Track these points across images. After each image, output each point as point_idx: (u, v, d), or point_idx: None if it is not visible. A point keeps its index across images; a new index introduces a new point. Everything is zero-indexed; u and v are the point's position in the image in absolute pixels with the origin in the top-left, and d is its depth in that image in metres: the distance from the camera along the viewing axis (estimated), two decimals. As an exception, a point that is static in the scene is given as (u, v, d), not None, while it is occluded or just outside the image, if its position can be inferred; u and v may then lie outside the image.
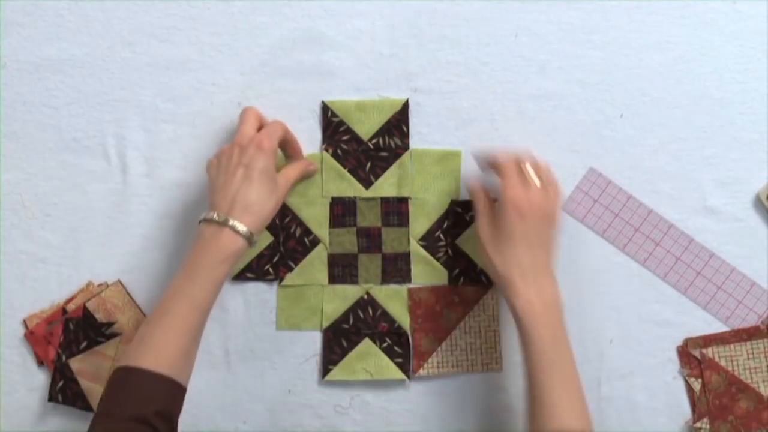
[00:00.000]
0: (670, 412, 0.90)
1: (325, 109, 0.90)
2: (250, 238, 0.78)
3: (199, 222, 0.79)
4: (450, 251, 0.90)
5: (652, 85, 0.90)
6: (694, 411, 0.89)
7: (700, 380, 0.89)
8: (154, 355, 0.74)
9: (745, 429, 0.86)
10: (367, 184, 0.90)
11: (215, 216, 0.78)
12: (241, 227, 0.77)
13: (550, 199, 0.82)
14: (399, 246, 0.90)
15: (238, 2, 0.90)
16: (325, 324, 0.90)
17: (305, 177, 0.89)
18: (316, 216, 0.90)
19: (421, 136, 0.90)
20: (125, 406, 0.72)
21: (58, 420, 0.90)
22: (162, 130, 0.90)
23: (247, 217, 0.78)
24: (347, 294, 0.90)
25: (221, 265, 0.77)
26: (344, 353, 0.90)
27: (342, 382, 0.90)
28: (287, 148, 0.87)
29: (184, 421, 0.89)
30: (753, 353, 0.87)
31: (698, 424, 0.88)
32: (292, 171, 0.85)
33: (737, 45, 0.89)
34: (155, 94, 0.90)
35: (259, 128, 0.84)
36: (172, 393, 0.75)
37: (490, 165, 0.84)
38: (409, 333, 0.90)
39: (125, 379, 0.74)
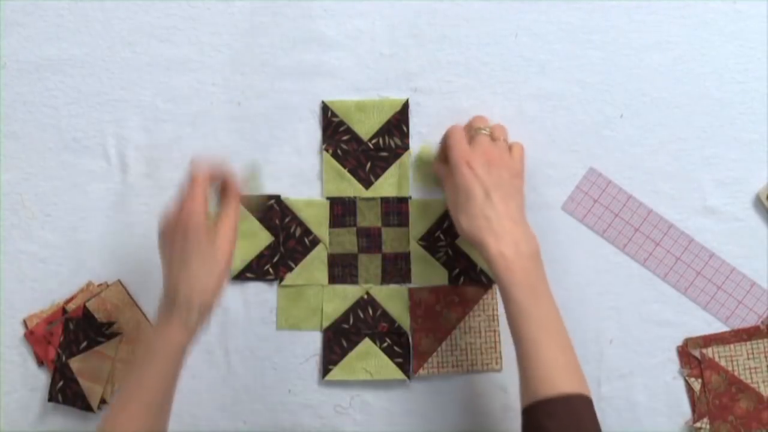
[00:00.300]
0: (670, 412, 0.90)
1: (325, 109, 0.90)
2: (194, 329, 0.76)
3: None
4: (450, 251, 0.90)
5: (652, 85, 0.90)
6: (694, 411, 0.89)
7: (700, 380, 0.89)
8: None
9: (744, 429, 0.86)
10: (367, 184, 0.90)
11: (164, 309, 0.76)
12: (186, 318, 0.75)
13: (512, 153, 0.83)
14: (399, 246, 0.90)
15: (238, 2, 0.90)
16: (325, 324, 0.90)
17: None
18: (316, 216, 0.90)
19: (421, 136, 0.90)
20: None
21: (58, 420, 0.90)
22: (162, 130, 0.90)
23: (192, 309, 0.75)
24: (347, 294, 0.90)
25: (169, 360, 0.75)
26: (344, 353, 0.90)
27: (342, 382, 0.90)
28: (222, 189, 0.81)
29: (184, 421, 0.89)
30: (753, 353, 0.87)
31: (698, 424, 0.88)
32: (227, 227, 0.78)
33: (737, 45, 0.89)
34: (155, 94, 0.90)
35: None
36: None
37: (442, 141, 0.85)
38: (409, 333, 0.90)
39: None
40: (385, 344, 0.90)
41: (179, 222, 0.75)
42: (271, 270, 0.90)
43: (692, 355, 0.89)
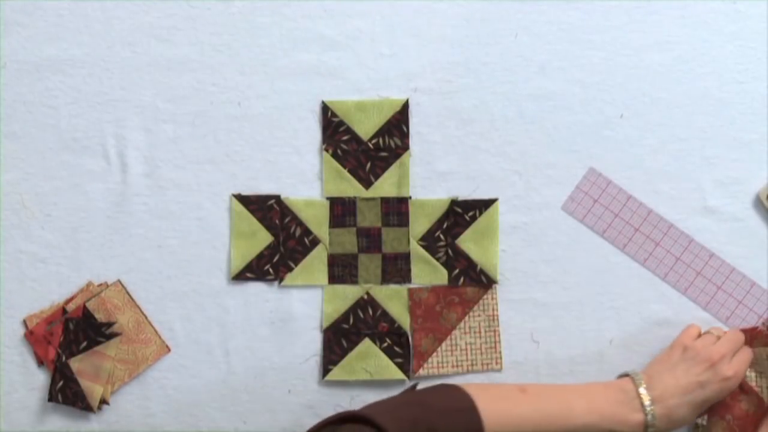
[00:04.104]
0: (670, 412, 0.90)
1: (325, 109, 0.90)
2: (647, 427, 0.78)
3: (623, 376, 0.83)
4: (450, 251, 0.90)
5: (652, 85, 0.90)
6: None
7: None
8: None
9: (739, 430, 0.86)
10: (367, 184, 0.90)
11: (643, 391, 0.79)
12: (653, 421, 0.78)
13: None
14: (399, 246, 0.90)
15: (238, 2, 0.90)
16: (325, 324, 0.90)
17: None
18: (316, 216, 0.90)
19: (421, 136, 0.90)
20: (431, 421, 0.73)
21: (58, 420, 0.90)
22: (162, 130, 0.90)
23: (662, 419, 0.78)
24: (347, 294, 0.90)
25: (609, 422, 0.78)
26: (344, 353, 0.90)
27: (342, 382, 0.90)
28: None
29: (184, 421, 0.89)
30: (764, 356, 0.87)
31: (698, 420, 0.88)
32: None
33: (737, 45, 0.89)
34: (155, 94, 0.90)
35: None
36: None
37: None
38: (409, 333, 0.90)
39: (461, 406, 0.75)
40: (385, 344, 0.90)
41: (725, 373, 0.80)
42: (271, 270, 0.90)
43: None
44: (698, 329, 0.86)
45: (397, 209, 0.90)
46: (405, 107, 0.90)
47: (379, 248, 0.90)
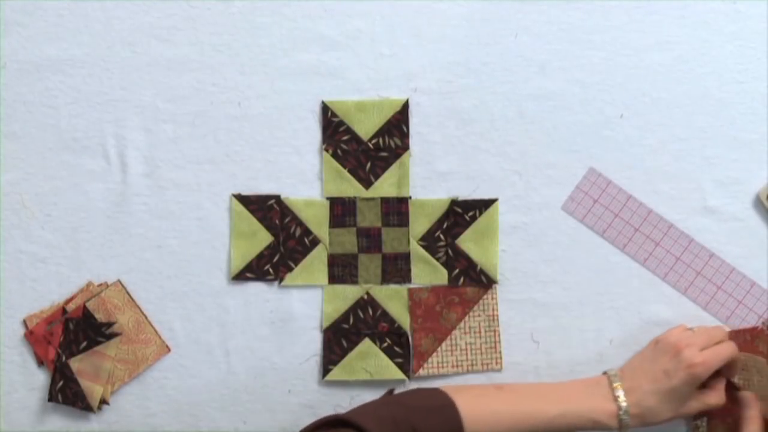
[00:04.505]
0: (670, 412, 0.90)
1: (325, 109, 0.90)
2: (622, 419, 0.79)
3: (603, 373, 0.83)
4: (450, 251, 0.90)
5: (652, 85, 0.90)
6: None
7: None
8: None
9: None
10: (367, 184, 0.90)
11: (614, 383, 0.81)
12: (625, 415, 0.79)
13: None
14: (399, 246, 0.90)
15: (238, 2, 0.90)
16: (325, 324, 0.90)
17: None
18: (316, 216, 0.90)
19: (421, 136, 0.90)
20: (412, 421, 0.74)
21: (58, 420, 0.90)
22: (162, 130, 0.90)
23: (635, 408, 0.79)
24: (347, 294, 0.90)
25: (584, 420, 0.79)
26: (344, 353, 0.90)
27: (342, 382, 0.90)
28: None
29: (184, 421, 0.90)
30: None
31: (697, 422, 0.88)
32: (712, 398, 0.81)
33: (737, 45, 0.89)
34: (155, 94, 0.90)
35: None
36: None
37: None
38: (409, 333, 0.90)
39: (441, 406, 0.77)
40: (385, 344, 0.90)
41: (690, 359, 0.79)
42: (271, 270, 0.90)
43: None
44: (683, 328, 0.86)
45: (397, 209, 0.90)
46: (405, 107, 0.90)
47: (379, 248, 0.90)
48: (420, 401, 0.77)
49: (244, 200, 0.90)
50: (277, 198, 0.90)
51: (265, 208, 0.90)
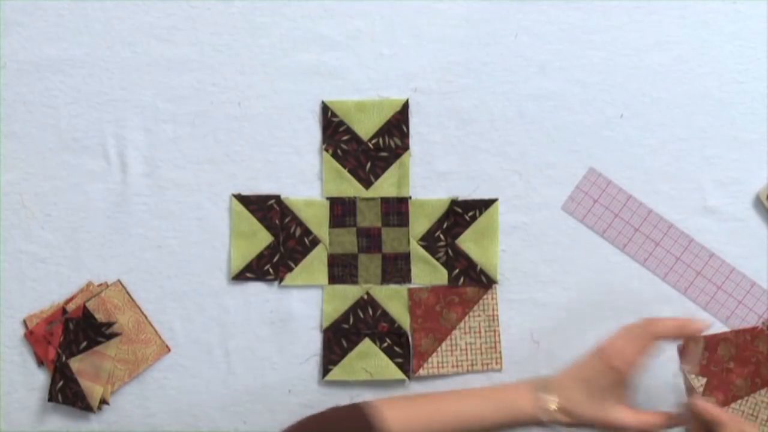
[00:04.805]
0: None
1: (325, 109, 0.90)
2: (546, 415, 0.77)
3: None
4: (450, 251, 0.90)
5: (652, 85, 0.90)
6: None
7: (703, 378, 0.89)
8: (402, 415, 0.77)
9: None
10: (367, 184, 0.90)
11: (539, 383, 0.79)
12: (549, 409, 0.77)
13: None
14: (399, 246, 0.90)
15: (238, 2, 0.90)
16: (325, 324, 0.90)
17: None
18: (316, 216, 0.90)
19: (421, 136, 0.90)
20: None
21: (58, 420, 0.90)
22: (162, 130, 0.90)
23: (561, 409, 0.78)
24: (347, 294, 0.90)
25: (506, 413, 0.78)
26: (344, 353, 0.90)
27: (342, 382, 0.90)
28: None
29: (184, 422, 0.89)
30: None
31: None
32: (646, 418, 0.79)
33: (737, 45, 0.89)
34: (155, 94, 0.90)
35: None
36: None
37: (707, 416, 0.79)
38: (409, 333, 0.90)
39: (355, 416, 0.76)
40: (385, 344, 0.90)
41: (611, 360, 0.78)
42: (271, 270, 0.90)
43: (694, 353, 0.89)
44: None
45: (397, 209, 0.90)
46: (405, 107, 0.90)
47: (379, 248, 0.90)
48: (337, 427, 0.76)
49: (244, 200, 0.90)
50: (277, 198, 0.90)
51: (265, 208, 0.90)
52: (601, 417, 0.78)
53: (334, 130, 0.90)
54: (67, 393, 0.89)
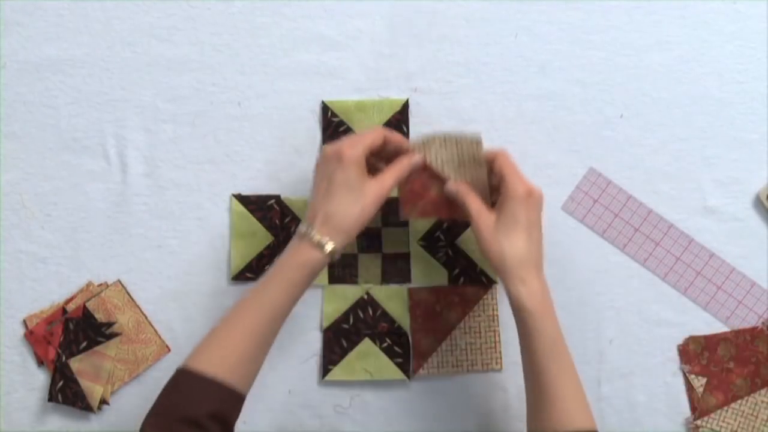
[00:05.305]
0: (669, 412, 0.90)
1: (325, 109, 0.90)
2: (328, 251, 0.77)
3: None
4: (450, 251, 0.90)
5: (652, 85, 0.90)
6: (695, 409, 0.89)
7: (703, 378, 0.89)
8: (214, 358, 0.75)
9: (433, 211, 0.84)
10: (367, 184, 0.90)
11: (300, 226, 0.78)
12: (320, 240, 0.77)
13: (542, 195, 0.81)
14: (399, 246, 0.90)
15: (238, 2, 0.90)
16: (325, 324, 0.90)
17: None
18: (316, 216, 0.90)
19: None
20: (176, 408, 0.73)
21: (58, 420, 0.90)
22: (162, 130, 0.90)
23: (326, 229, 0.77)
24: (347, 294, 0.90)
25: (295, 271, 0.77)
26: (344, 353, 0.90)
27: (342, 382, 0.90)
28: (388, 154, 0.82)
29: (184, 421, 0.89)
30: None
31: (699, 422, 0.88)
32: (387, 175, 0.80)
33: (737, 45, 0.89)
34: (155, 94, 0.90)
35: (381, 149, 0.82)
36: (227, 398, 0.74)
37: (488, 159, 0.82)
38: (409, 333, 0.90)
39: (179, 381, 0.75)
40: (385, 344, 0.90)
41: (337, 151, 0.78)
42: (271, 270, 0.90)
43: (695, 353, 0.89)
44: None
45: (397, 209, 0.90)
46: (405, 107, 0.90)
47: (379, 248, 0.90)
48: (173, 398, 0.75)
49: (244, 200, 0.90)
50: (277, 198, 0.90)
51: (265, 208, 0.90)
52: (368, 205, 0.78)
53: (334, 130, 0.90)
54: (67, 393, 0.89)
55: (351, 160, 0.77)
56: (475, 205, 0.80)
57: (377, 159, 0.82)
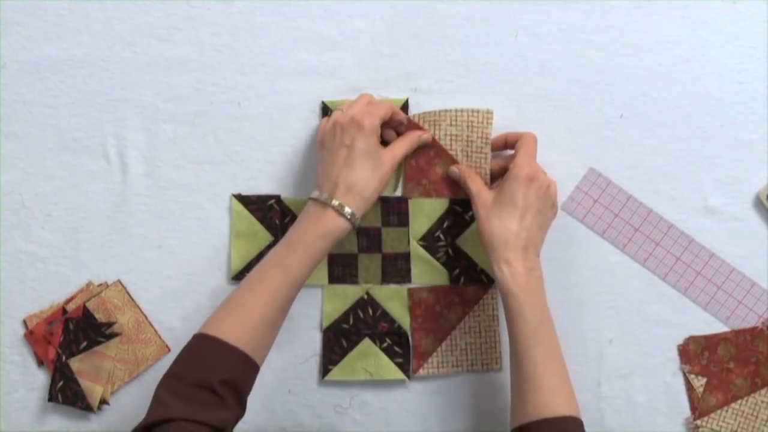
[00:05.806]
0: (669, 412, 0.90)
1: (325, 109, 0.90)
2: (352, 219, 0.79)
3: (308, 199, 0.81)
4: (450, 251, 0.90)
5: (652, 85, 0.90)
6: (695, 409, 0.89)
7: (703, 378, 0.89)
8: (233, 324, 0.76)
9: (435, 192, 0.89)
10: (367, 184, 0.90)
11: (320, 195, 0.79)
12: (346, 208, 0.78)
13: (554, 186, 0.84)
14: (399, 246, 0.90)
15: (238, 2, 0.90)
16: (325, 324, 0.90)
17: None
18: (316, 216, 0.90)
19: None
20: (191, 372, 0.73)
21: (58, 420, 0.90)
22: (162, 130, 0.90)
23: (350, 197, 0.79)
24: (347, 294, 0.90)
25: (319, 240, 0.78)
26: (344, 353, 0.90)
27: (342, 382, 0.90)
28: (396, 128, 0.86)
29: (184, 421, 0.89)
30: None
31: (699, 422, 0.88)
32: (399, 146, 0.84)
33: (737, 45, 0.89)
34: (155, 94, 0.90)
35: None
36: (241, 366, 0.75)
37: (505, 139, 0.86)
38: (409, 333, 0.90)
39: (196, 345, 0.75)
40: (385, 344, 0.90)
41: (356, 120, 0.79)
42: (271, 270, 0.90)
43: (695, 353, 0.89)
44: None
45: (396, 209, 0.90)
46: (405, 107, 0.90)
47: (379, 248, 0.90)
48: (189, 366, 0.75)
49: (244, 200, 0.90)
50: (277, 198, 0.90)
51: (265, 208, 0.90)
52: (384, 172, 0.81)
53: (334, 130, 0.90)
54: (67, 393, 0.89)
55: (372, 129, 0.80)
56: (475, 185, 0.83)
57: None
